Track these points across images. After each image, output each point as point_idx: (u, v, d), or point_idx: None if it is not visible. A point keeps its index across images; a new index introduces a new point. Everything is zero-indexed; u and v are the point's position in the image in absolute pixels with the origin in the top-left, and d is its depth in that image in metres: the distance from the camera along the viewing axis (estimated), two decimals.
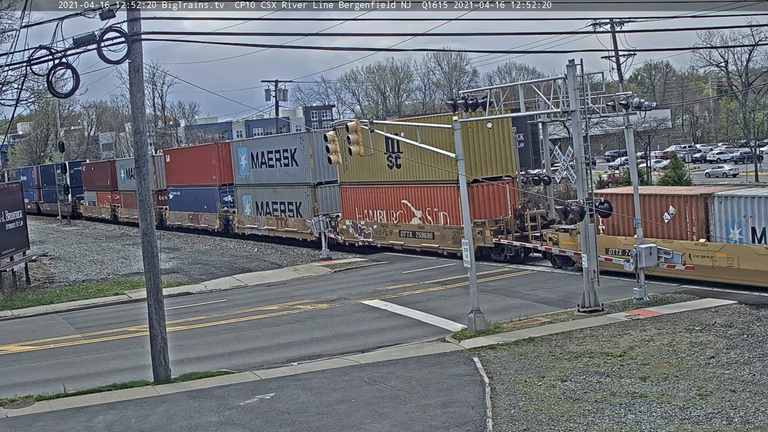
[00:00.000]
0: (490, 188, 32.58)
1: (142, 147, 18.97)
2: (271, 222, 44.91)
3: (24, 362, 22.31)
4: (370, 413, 15.23)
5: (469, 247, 21.44)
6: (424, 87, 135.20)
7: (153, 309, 18.72)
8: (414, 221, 35.63)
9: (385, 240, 37.49)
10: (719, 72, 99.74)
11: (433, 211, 34.48)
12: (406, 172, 35.46)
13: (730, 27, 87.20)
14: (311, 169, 41.23)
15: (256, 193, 46.20)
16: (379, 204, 37.66)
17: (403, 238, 36.46)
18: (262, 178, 45.49)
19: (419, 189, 35.06)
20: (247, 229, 47.06)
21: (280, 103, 69.07)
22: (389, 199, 37.00)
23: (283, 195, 43.74)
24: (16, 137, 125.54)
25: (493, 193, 32.81)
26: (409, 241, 36.11)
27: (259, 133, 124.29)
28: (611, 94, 26.16)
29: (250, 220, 46.73)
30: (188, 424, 15.49)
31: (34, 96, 43.65)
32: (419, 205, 35.20)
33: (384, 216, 37.43)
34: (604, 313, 21.94)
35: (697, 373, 16.09)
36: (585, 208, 22.49)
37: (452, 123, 22.36)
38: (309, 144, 41.27)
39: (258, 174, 45.82)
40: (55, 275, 39.23)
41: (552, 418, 14.12)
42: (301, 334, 23.15)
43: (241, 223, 47.92)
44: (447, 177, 31.22)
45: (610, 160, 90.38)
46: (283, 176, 43.51)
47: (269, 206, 45.02)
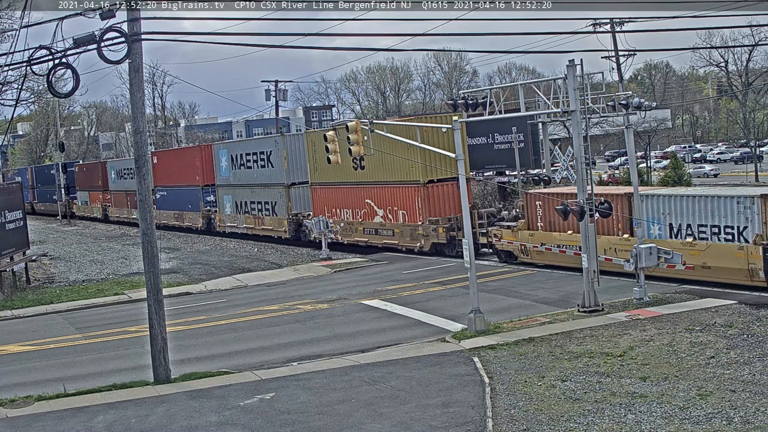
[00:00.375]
0: (444, 188, 34.66)
1: (142, 147, 18.97)
2: (249, 220, 47.32)
3: (24, 362, 22.31)
4: (370, 413, 15.23)
5: (469, 247, 21.44)
6: (424, 87, 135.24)
7: (153, 309, 18.72)
8: (376, 219, 37.73)
9: (351, 237, 39.69)
10: (719, 72, 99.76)
11: (393, 209, 36.63)
12: (370, 174, 37.37)
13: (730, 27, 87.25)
14: (285, 171, 43.53)
15: (236, 193, 48.62)
16: (346, 203, 39.82)
17: (367, 235, 38.58)
18: (241, 179, 47.99)
19: (381, 189, 37.24)
20: (228, 227, 49.34)
21: (280, 103, 69.12)
22: (354, 198, 39.10)
23: (260, 195, 46.11)
24: (16, 137, 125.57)
25: (447, 193, 34.63)
26: (372, 238, 38.20)
27: (259, 133, 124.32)
28: (611, 94, 26.19)
29: (231, 219, 49.09)
30: (188, 424, 15.49)
31: (34, 96, 43.71)
32: (381, 204, 37.33)
33: (350, 214, 39.67)
34: (604, 313, 21.94)
35: (697, 373, 16.09)
36: (585, 208, 22.50)
37: (452, 123, 22.37)
38: (283, 147, 43.62)
39: (237, 175, 48.31)
40: (55, 275, 39.23)
41: (552, 418, 14.12)
42: (301, 334, 23.15)
43: (222, 221, 50.21)
44: (405, 178, 34.62)
45: (610, 160, 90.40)
46: (259, 177, 45.90)
47: (248, 205, 47.50)
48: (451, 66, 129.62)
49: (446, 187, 34.67)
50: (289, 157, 43.51)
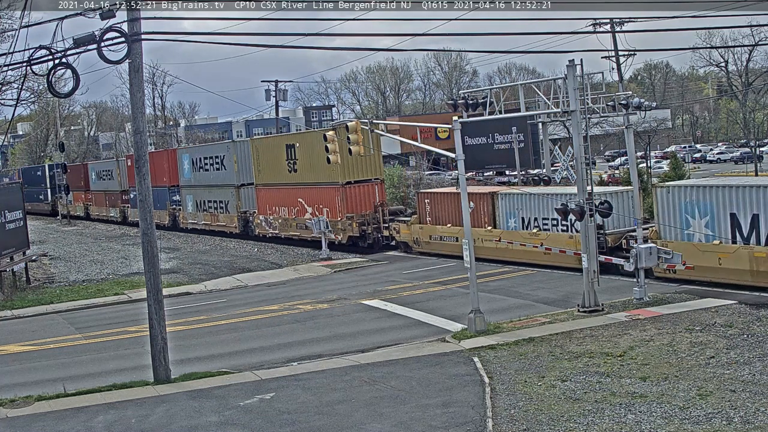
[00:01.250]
0: (360, 189, 39.47)
1: (142, 147, 18.97)
2: (206, 218, 52.01)
3: (24, 362, 22.31)
4: (370, 413, 15.23)
5: (469, 247, 21.44)
6: (424, 87, 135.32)
7: (153, 309, 18.71)
8: (306, 216, 41.92)
9: (287, 232, 43.94)
10: (719, 72, 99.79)
11: (319, 207, 41.06)
12: (301, 176, 42.42)
13: (730, 27, 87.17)
14: (235, 173, 48.22)
15: (196, 192, 53.42)
16: (283, 202, 44.22)
17: (299, 230, 42.89)
18: (200, 181, 52.78)
19: (309, 190, 41.79)
20: (189, 224, 53.91)
21: (280, 103, 69.07)
22: (289, 198, 43.52)
23: (215, 194, 50.87)
24: (16, 137, 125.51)
25: (362, 193, 39.52)
26: (303, 233, 42.41)
27: (259, 133, 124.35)
28: (611, 94, 26.22)
29: (192, 216, 53.86)
30: (188, 424, 15.49)
31: (34, 96, 43.70)
32: (310, 202, 41.85)
33: (286, 212, 44.12)
34: (604, 313, 21.94)
35: (697, 373, 16.09)
36: (585, 208, 22.50)
37: (453, 123, 22.37)
38: (233, 152, 48.49)
39: (197, 176, 53.08)
40: (55, 275, 39.23)
41: (552, 418, 14.12)
42: (301, 334, 23.15)
43: (185, 219, 54.67)
44: (328, 180, 39.32)
45: (610, 160, 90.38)
46: (215, 179, 50.68)
47: (206, 204, 52.34)
48: (451, 66, 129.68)
49: (361, 188, 39.50)
50: (238, 161, 47.93)
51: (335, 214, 39.63)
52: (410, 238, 37.33)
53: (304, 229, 41.79)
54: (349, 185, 39.15)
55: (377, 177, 40.15)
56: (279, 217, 44.47)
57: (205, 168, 51.81)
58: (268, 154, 45.35)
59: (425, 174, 69.58)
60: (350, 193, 39.13)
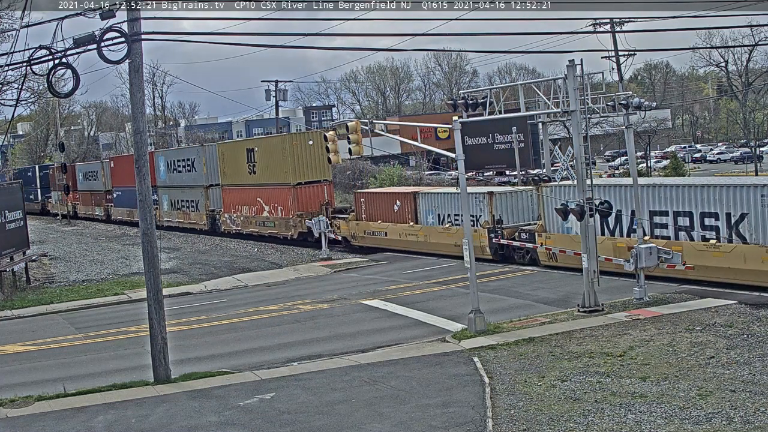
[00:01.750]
0: (309, 189, 43.04)
1: (142, 147, 18.97)
2: (179, 216, 55.81)
3: (24, 362, 22.31)
4: (370, 413, 15.23)
5: (469, 247, 21.44)
6: (424, 87, 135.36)
7: (153, 309, 18.71)
8: (264, 214, 45.81)
9: (249, 228, 47.58)
10: (719, 72, 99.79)
11: (275, 206, 44.78)
12: (260, 177, 45.87)
13: (730, 27, 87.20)
14: (204, 175, 51.83)
15: (171, 192, 57.10)
16: (244, 201, 47.88)
17: (258, 227, 46.67)
18: (174, 181, 56.42)
19: (267, 190, 45.18)
20: (165, 222, 56.99)
21: (281, 103, 69.11)
22: (250, 197, 47.12)
23: (187, 194, 54.64)
24: (16, 137, 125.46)
25: (311, 193, 43.09)
26: (261, 229, 46.28)
27: (259, 133, 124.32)
28: (611, 94, 26.16)
29: (167, 215, 57.54)
30: (188, 424, 15.49)
31: (34, 96, 43.66)
32: (267, 201, 45.32)
33: (247, 210, 47.72)
34: (604, 313, 21.94)
35: (697, 373, 16.09)
36: (585, 208, 22.49)
37: (453, 123, 22.37)
38: (203, 155, 52.09)
39: (172, 177, 56.77)
40: (55, 275, 39.23)
41: (552, 418, 14.12)
42: (301, 334, 23.15)
43: (161, 217, 57.59)
44: (282, 181, 43.16)
45: (610, 160, 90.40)
46: (187, 180, 54.40)
47: (179, 203, 56.19)
48: (451, 66, 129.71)
49: (310, 188, 43.09)
50: (207, 164, 51.65)
51: (288, 212, 43.46)
52: (349, 233, 41.21)
53: (263, 226, 46.04)
54: (300, 186, 42.76)
55: (326, 178, 43.59)
56: (241, 215, 48.25)
57: (178, 170, 55.58)
58: (232, 157, 49.06)
59: (425, 174, 69.60)
60: (301, 193, 42.79)
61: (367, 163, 68.17)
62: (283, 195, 43.52)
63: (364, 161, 65.52)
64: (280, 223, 44.26)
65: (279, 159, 43.21)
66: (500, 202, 32.97)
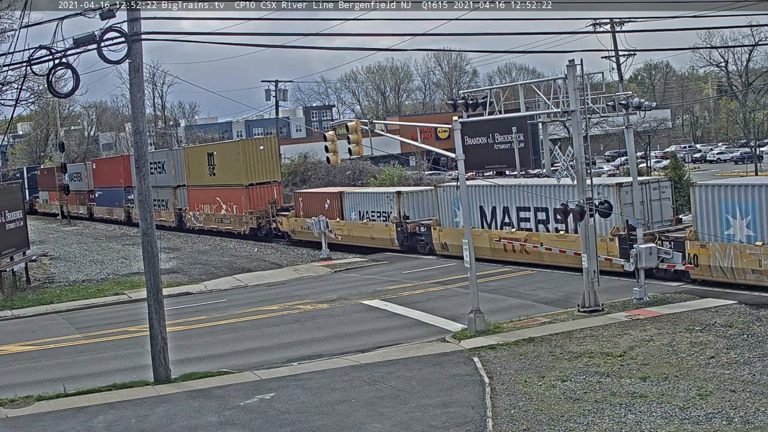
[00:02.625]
0: (259, 189, 47.72)
1: (142, 147, 18.99)
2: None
3: (24, 362, 22.31)
4: (370, 413, 15.23)
5: (469, 247, 21.44)
6: (424, 87, 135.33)
7: (153, 309, 18.71)
8: (222, 211, 50.54)
9: (209, 225, 52.34)
10: (719, 72, 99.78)
11: (231, 204, 49.37)
12: (219, 179, 50.65)
13: (730, 27, 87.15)
14: (173, 176, 56.70)
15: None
16: (206, 200, 52.59)
17: (217, 223, 51.37)
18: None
19: (224, 190, 49.85)
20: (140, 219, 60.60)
21: (281, 103, 69.04)
22: (211, 197, 51.88)
23: (158, 194, 58.52)
24: (16, 137, 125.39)
25: (261, 192, 47.72)
26: (219, 225, 51.02)
27: (259, 133, 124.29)
28: (611, 94, 26.14)
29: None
30: (188, 424, 15.49)
31: (34, 96, 43.72)
32: (225, 200, 49.88)
33: (208, 208, 52.54)
34: (604, 313, 21.94)
35: (697, 373, 16.09)
36: (585, 208, 22.49)
37: (453, 123, 22.37)
38: (171, 158, 57.33)
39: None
40: (55, 275, 39.22)
41: (552, 418, 14.12)
42: (301, 334, 23.15)
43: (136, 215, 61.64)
44: (237, 182, 47.98)
45: (610, 160, 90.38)
46: (158, 181, 58.01)
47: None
48: (451, 66, 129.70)
49: (261, 189, 47.83)
50: (175, 166, 56.36)
51: (241, 210, 48.30)
52: (289, 228, 45.70)
53: (221, 222, 50.90)
54: (252, 186, 47.43)
55: (275, 179, 48.44)
56: (203, 213, 53.24)
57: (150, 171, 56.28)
58: (195, 160, 53.62)
59: (425, 174, 69.64)
60: (252, 193, 47.44)
61: (367, 163, 68.14)
62: (238, 195, 48.24)
63: (364, 161, 65.46)
64: (235, 220, 48.86)
65: (234, 162, 48.31)
66: (407, 200, 37.87)
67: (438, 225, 35.29)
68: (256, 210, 47.35)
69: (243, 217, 47.83)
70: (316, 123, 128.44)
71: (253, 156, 47.68)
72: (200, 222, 53.35)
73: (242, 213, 47.94)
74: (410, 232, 37.08)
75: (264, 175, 47.95)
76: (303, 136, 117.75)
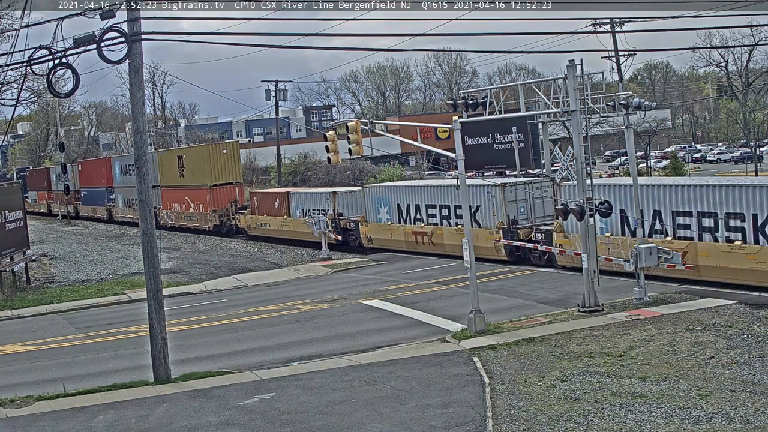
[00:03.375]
0: (222, 189, 52.25)
1: (142, 147, 18.99)
2: (130, 212, 63.23)
3: (24, 362, 22.31)
4: (370, 413, 15.23)
5: (469, 247, 21.43)
6: (424, 87, 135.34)
7: (153, 309, 18.71)
8: (191, 210, 54.61)
9: (180, 222, 56.35)
10: (719, 72, 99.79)
11: (198, 203, 53.62)
12: (187, 180, 54.48)
13: (730, 27, 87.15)
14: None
15: (124, 192, 65.68)
16: (177, 199, 56.63)
17: (186, 221, 55.40)
18: (126, 183, 64.45)
19: (192, 190, 53.77)
20: (120, 218, 66.39)
21: (281, 103, 69.04)
22: (180, 196, 56.02)
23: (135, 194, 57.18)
24: (16, 137, 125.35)
25: (224, 192, 52.30)
26: (188, 222, 54.86)
27: (259, 132, 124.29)
28: (611, 94, 26.15)
29: (122, 211, 66.61)
30: (188, 424, 15.49)
31: (34, 96, 43.68)
32: (193, 199, 53.91)
33: (179, 207, 56.61)
34: (604, 313, 21.94)
35: (697, 373, 16.09)
36: (585, 208, 22.49)
37: (453, 123, 22.36)
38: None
39: (124, 180, 65.23)
40: (55, 275, 39.21)
41: (552, 418, 14.12)
42: (301, 334, 23.15)
43: (117, 213, 67.37)
44: (202, 183, 52.24)
45: (610, 160, 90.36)
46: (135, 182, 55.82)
47: (130, 201, 63.83)
48: (451, 66, 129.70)
49: (224, 189, 52.30)
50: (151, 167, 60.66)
51: (206, 208, 52.61)
52: (246, 225, 50.01)
53: (189, 220, 54.75)
54: (216, 187, 51.97)
55: (237, 181, 53.01)
56: (174, 211, 57.35)
57: (129, 173, 63.48)
58: (167, 163, 57.44)
59: (425, 174, 69.61)
60: (216, 193, 52.03)
61: (367, 163, 68.20)
62: (203, 194, 52.65)
63: (364, 161, 65.54)
64: (201, 218, 53.19)
65: (201, 165, 52.68)
66: (342, 199, 42.10)
67: (365, 221, 39.61)
68: (219, 208, 52.02)
69: (207, 215, 52.39)
70: (316, 123, 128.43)
71: (217, 159, 52.47)
72: (172, 219, 57.38)
73: (207, 211, 52.47)
74: (343, 227, 41.09)
75: (227, 176, 52.48)
76: (303, 136, 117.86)
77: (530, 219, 32.37)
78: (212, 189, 51.69)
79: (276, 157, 69.81)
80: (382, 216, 38.40)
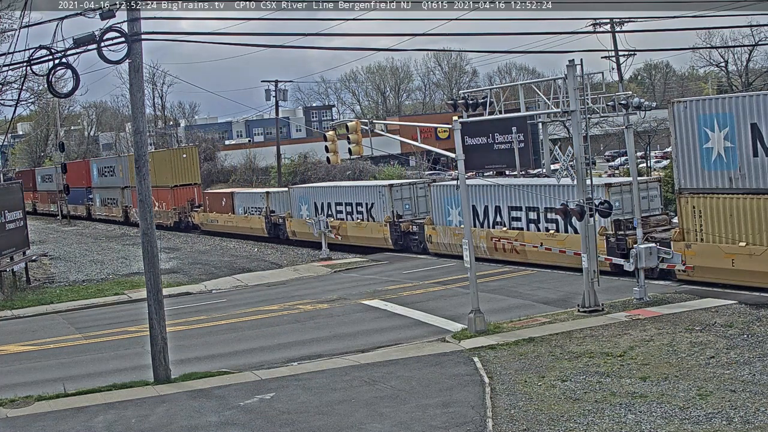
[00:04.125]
0: (183, 190, 57.73)
1: (142, 147, 18.99)
2: (105, 210, 70.26)
3: (24, 362, 22.31)
4: (370, 413, 15.23)
5: (469, 247, 21.44)
6: (424, 87, 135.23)
7: (153, 309, 18.71)
8: (156, 208, 55.96)
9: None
10: (719, 72, 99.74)
11: (161, 202, 58.26)
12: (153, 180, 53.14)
13: (730, 27, 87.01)
14: (121, 178, 65.64)
15: (101, 192, 71.50)
16: None
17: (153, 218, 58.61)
18: (103, 183, 70.76)
19: (157, 190, 55.13)
20: (97, 215, 71.70)
21: (280, 103, 69.05)
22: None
23: (111, 194, 68.85)
24: (16, 137, 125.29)
25: (184, 192, 57.81)
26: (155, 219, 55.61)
27: (259, 132, 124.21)
28: (611, 94, 26.13)
29: (99, 210, 72.10)
30: (188, 424, 15.49)
31: (34, 96, 43.71)
32: (157, 199, 57.00)
33: None
34: (604, 313, 21.94)
35: (697, 373, 16.09)
36: (585, 208, 22.49)
37: (453, 123, 22.37)
38: (119, 163, 66.64)
39: (101, 180, 71.08)
40: (55, 275, 39.22)
41: (552, 418, 14.12)
42: (301, 334, 23.15)
43: (94, 211, 72.89)
44: (166, 183, 57.43)
45: (610, 160, 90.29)
46: (111, 182, 68.50)
47: (106, 200, 70.61)
48: (451, 66, 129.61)
49: (184, 190, 57.85)
50: (123, 170, 64.93)
51: (168, 206, 58.25)
52: (199, 221, 55.78)
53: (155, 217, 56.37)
54: (176, 187, 57.58)
55: (195, 182, 58.43)
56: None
57: (105, 174, 70.06)
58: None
59: (425, 174, 69.60)
60: (177, 193, 57.67)
61: (367, 163, 68.21)
62: (166, 194, 58.02)
63: (364, 161, 65.54)
64: (164, 215, 58.16)
65: (164, 168, 57.59)
66: (274, 198, 47.71)
67: (290, 217, 45.52)
68: (179, 207, 57.93)
69: (169, 212, 58.08)
70: (316, 123, 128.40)
71: (178, 163, 58.31)
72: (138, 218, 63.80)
73: (169, 209, 58.16)
74: (274, 222, 47.21)
75: (186, 178, 58.26)
76: (303, 136, 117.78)
77: (414, 214, 38.04)
78: (173, 189, 57.59)
79: (276, 157, 69.81)
80: (303, 213, 44.12)
